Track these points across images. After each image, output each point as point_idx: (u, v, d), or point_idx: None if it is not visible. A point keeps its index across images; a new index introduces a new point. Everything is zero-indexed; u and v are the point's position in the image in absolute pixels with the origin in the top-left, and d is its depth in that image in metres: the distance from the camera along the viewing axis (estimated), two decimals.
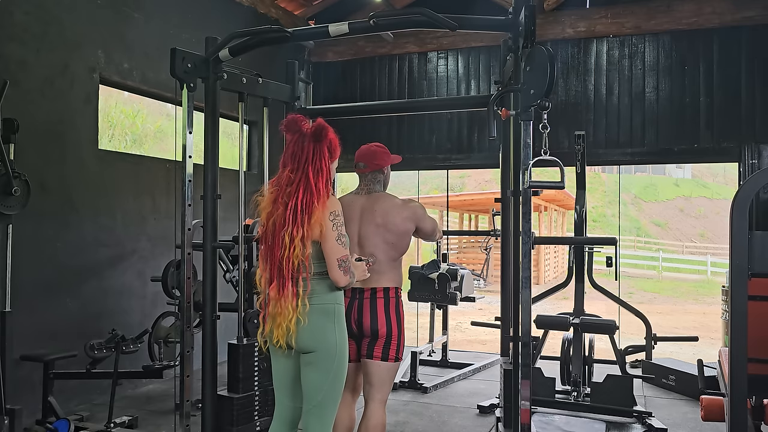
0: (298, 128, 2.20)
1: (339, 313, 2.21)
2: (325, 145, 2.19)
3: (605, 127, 6.03)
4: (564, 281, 4.88)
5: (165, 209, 4.96)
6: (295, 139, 2.20)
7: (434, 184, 24.04)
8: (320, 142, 2.17)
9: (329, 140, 2.21)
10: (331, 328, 2.17)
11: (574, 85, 6.14)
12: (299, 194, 2.11)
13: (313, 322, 2.13)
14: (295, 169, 2.16)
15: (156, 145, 5.91)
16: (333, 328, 2.17)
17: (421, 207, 2.68)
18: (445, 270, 5.02)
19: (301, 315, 2.10)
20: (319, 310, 2.15)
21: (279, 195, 2.17)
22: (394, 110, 4.84)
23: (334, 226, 2.13)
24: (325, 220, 2.12)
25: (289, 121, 2.23)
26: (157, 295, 4.68)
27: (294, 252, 2.08)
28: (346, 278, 2.16)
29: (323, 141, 2.18)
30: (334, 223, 2.14)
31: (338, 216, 2.16)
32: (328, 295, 2.18)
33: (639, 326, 5.24)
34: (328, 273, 2.15)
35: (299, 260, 2.10)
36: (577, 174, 4.87)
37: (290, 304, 2.10)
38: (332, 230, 2.13)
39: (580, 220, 4.70)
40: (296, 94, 3.71)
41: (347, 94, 6.94)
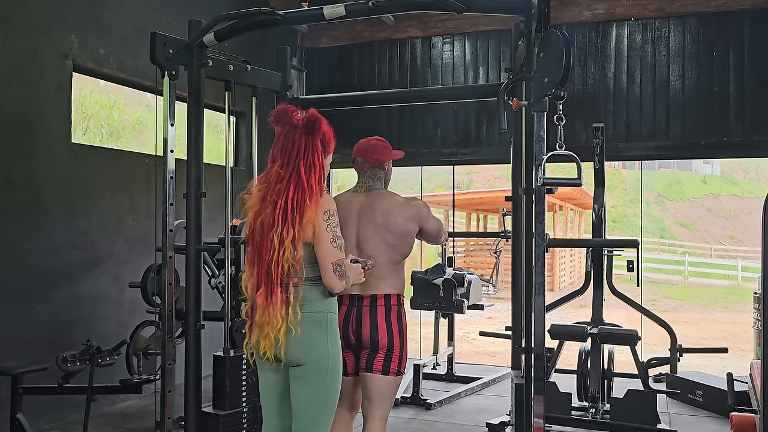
0: (289, 120, 2.20)
1: (332, 322, 2.22)
2: (318, 138, 2.19)
3: (626, 118, 6.04)
4: (581, 287, 4.88)
5: (144, 208, 4.96)
6: (285, 132, 2.20)
7: (439, 181, 24.03)
8: (313, 135, 2.18)
9: (322, 133, 2.21)
10: (324, 338, 2.17)
11: (592, 72, 6.15)
12: (290, 192, 2.11)
13: (304, 332, 2.13)
14: (285, 164, 2.16)
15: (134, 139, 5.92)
16: (325, 339, 2.17)
17: (425, 206, 2.68)
18: (450, 275, 5.03)
19: (291, 324, 2.10)
20: (310, 319, 2.16)
21: (267, 193, 2.16)
22: (395, 100, 4.84)
23: (329, 227, 2.14)
24: (318, 220, 2.12)
25: (278, 111, 2.23)
26: (136, 303, 4.69)
27: (284, 255, 2.08)
28: (342, 284, 2.17)
29: (316, 133, 2.18)
30: (329, 223, 2.14)
31: (333, 216, 2.17)
32: (320, 302, 2.19)
33: (663, 337, 5.24)
34: (322, 278, 2.16)
35: (289, 264, 2.10)
36: (596, 170, 4.87)
37: (279, 312, 2.10)
38: (326, 231, 2.13)
39: (598, 221, 4.71)
40: (288, 83, 3.72)
41: (344, 82, 6.94)
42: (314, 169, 2.16)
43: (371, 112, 6.58)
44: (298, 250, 2.10)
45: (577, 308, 11.37)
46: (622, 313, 5.50)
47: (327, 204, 2.17)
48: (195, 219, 3.14)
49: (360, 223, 2.62)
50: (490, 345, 8.55)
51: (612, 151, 5.86)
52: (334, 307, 2.25)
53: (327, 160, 2.27)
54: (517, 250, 3.01)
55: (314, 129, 2.18)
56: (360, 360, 2.61)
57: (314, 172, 2.15)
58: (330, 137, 2.25)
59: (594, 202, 4.79)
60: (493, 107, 6.15)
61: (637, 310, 4.97)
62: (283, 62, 3.73)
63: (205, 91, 3.18)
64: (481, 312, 5.78)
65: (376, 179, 2.71)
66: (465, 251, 17.27)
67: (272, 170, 2.19)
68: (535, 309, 2.29)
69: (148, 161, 5.00)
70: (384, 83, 6.83)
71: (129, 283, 4.52)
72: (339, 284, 2.16)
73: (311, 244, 2.15)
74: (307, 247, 2.15)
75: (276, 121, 2.23)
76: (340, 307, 2.60)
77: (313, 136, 2.18)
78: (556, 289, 15.33)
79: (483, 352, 8.56)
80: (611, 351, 4.42)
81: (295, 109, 2.25)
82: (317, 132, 2.19)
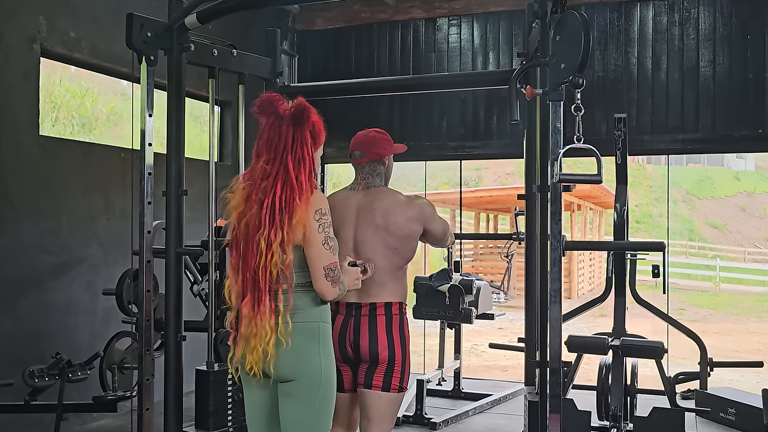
0: (275, 110, 2.20)
1: (325, 332, 2.22)
2: (308, 130, 2.19)
3: (651, 108, 6.03)
4: (601, 295, 4.88)
5: (120, 208, 4.96)
6: (270, 123, 2.19)
7: (445, 177, 24.02)
8: (301, 126, 2.17)
9: (312, 123, 2.20)
10: (316, 350, 2.17)
11: (614, 57, 6.14)
12: (277, 190, 2.11)
13: (295, 344, 2.13)
14: (271, 159, 2.15)
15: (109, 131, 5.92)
16: (318, 351, 2.17)
17: (429, 205, 2.68)
18: (457, 281, 5.02)
19: (281, 336, 2.10)
20: (302, 330, 2.15)
21: (252, 191, 2.16)
22: (396, 88, 4.83)
23: (321, 228, 2.13)
24: (309, 220, 2.12)
25: (263, 101, 2.22)
26: (111, 312, 4.67)
27: (272, 260, 2.08)
28: (335, 290, 2.16)
29: (305, 124, 2.18)
30: (320, 223, 2.14)
31: (325, 215, 2.16)
32: (312, 311, 2.19)
33: (692, 349, 5.24)
34: (313, 284, 2.16)
35: (278, 270, 2.10)
36: (617, 165, 4.86)
37: (268, 322, 2.09)
38: (318, 232, 2.13)
39: (620, 222, 4.70)
40: (278, 69, 3.71)
41: (340, 69, 6.94)
42: (304, 163, 2.15)
43: (370, 102, 6.58)
44: (287, 253, 2.10)
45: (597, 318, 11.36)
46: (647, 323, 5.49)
47: (318, 202, 2.16)
48: (175, 219, 3.13)
49: (358, 223, 2.61)
50: (501, 358, 8.55)
51: (636, 145, 5.84)
52: (327, 317, 2.25)
53: (317, 154, 2.26)
54: (531, 253, 3.01)
55: (303, 119, 2.18)
56: (358, 375, 2.60)
57: (304, 167, 2.15)
58: (320, 128, 2.24)
59: (615, 201, 4.78)
60: (504, 96, 6.12)
61: (663, 319, 4.97)
62: (273, 46, 3.72)
63: (186, 78, 3.17)
64: (491, 322, 5.77)
65: (375, 175, 2.71)
66: (473, 255, 17.26)
67: (257, 166, 2.18)
68: (551, 319, 2.29)
69: (123, 155, 4.99)
70: (384, 70, 6.82)
71: (103, 290, 4.50)
72: (332, 291, 2.15)
73: (301, 247, 2.14)
74: (297, 251, 2.15)
75: (260, 112, 2.22)
76: (336, 316, 2.60)
77: (302, 128, 2.17)
78: (573, 296, 15.33)
79: (493, 366, 8.56)
80: (635, 365, 4.41)
81: (281, 98, 2.24)
82: (306, 123, 2.18)
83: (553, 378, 2.27)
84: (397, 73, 6.74)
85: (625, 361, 4.27)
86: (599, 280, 18.02)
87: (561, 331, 2.29)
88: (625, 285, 4.72)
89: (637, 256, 4.99)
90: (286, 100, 2.26)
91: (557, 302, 2.28)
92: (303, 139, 2.17)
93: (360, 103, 6.48)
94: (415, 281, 5.07)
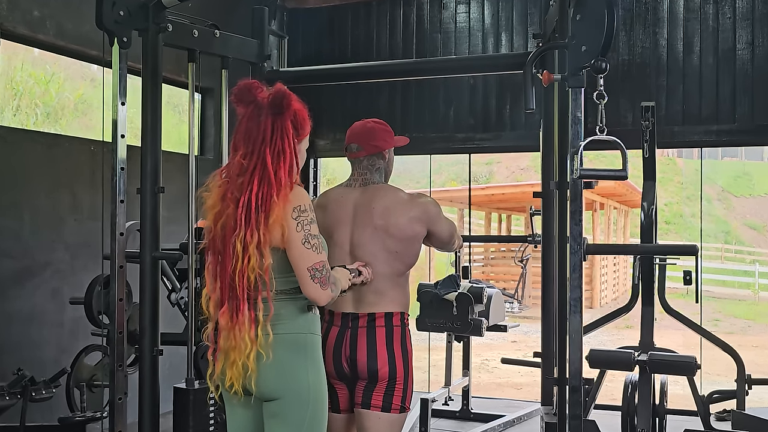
0: (253, 98, 2.21)
1: (313, 345, 2.22)
2: (288, 119, 2.20)
3: (682, 96, 6.03)
4: (627, 304, 4.88)
5: (89, 207, 4.96)
6: (248, 113, 2.20)
7: (452, 173, 24.04)
8: (281, 115, 2.19)
9: (293, 112, 2.21)
10: (303, 365, 2.18)
11: (641, 39, 6.14)
12: (253, 186, 2.12)
13: (278, 358, 2.14)
14: (248, 153, 2.17)
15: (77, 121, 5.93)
16: (305, 366, 2.18)
17: (434, 204, 2.68)
18: (466, 289, 5.02)
19: (262, 348, 2.11)
20: (286, 342, 2.16)
21: (229, 189, 2.18)
22: (398, 74, 4.84)
23: (299, 226, 2.14)
24: (286, 218, 2.13)
25: (240, 89, 2.23)
26: (79, 323, 4.67)
27: (249, 264, 2.10)
28: (326, 292, 2.16)
29: (285, 113, 2.19)
30: (299, 221, 2.15)
31: (305, 212, 2.17)
32: (297, 320, 2.20)
33: (728, 364, 5.24)
34: (301, 289, 2.17)
35: (256, 275, 2.11)
36: (645, 159, 4.87)
37: (247, 334, 2.11)
38: (296, 231, 2.14)
39: (648, 222, 4.70)
40: (266, 52, 3.72)
41: (335, 51, 6.94)
42: (284, 157, 2.16)
43: (368, 89, 6.58)
44: (265, 257, 2.11)
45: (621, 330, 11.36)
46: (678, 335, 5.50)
47: (297, 198, 2.17)
48: (151, 220, 3.13)
49: (354, 224, 2.61)
50: (514, 375, 8.55)
51: (665, 136, 5.84)
52: (315, 327, 2.25)
53: (301, 146, 2.28)
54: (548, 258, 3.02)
55: (283, 107, 2.18)
56: (355, 394, 2.60)
57: (284, 160, 2.16)
58: (304, 117, 2.25)
59: (643, 200, 4.77)
60: (518, 82, 6.13)
61: (696, 331, 4.96)
62: (260, 27, 3.73)
63: (163, 62, 3.17)
64: (503, 334, 5.78)
65: (374, 171, 2.71)
66: (484, 259, 17.27)
67: (234, 161, 2.20)
68: (571, 330, 2.29)
69: (93, 148, 4.99)
70: (384, 53, 6.83)
71: (70, 299, 4.50)
72: (323, 293, 2.15)
73: (282, 249, 2.16)
74: (277, 253, 2.16)
75: (238, 100, 2.23)
76: (331, 328, 2.60)
77: (282, 117, 2.18)
78: (596, 306, 15.33)
79: (506, 384, 8.56)
80: (664, 382, 4.41)
81: (260, 85, 2.25)
82: (286, 111, 2.19)
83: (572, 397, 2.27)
84: (398, 56, 6.74)
85: (653, 378, 4.27)
86: (624, 287, 18.02)
87: (582, 344, 2.30)
88: (654, 293, 4.72)
89: (667, 260, 4.98)
90: (266, 86, 2.26)
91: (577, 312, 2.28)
92: (284, 129, 2.18)
93: (357, 90, 6.48)
94: (419, 289, 5.07)
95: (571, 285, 2.30)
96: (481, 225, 19.12)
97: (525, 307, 14.42)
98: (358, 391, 2.59)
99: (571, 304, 2.30)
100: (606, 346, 4.80)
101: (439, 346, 6.34)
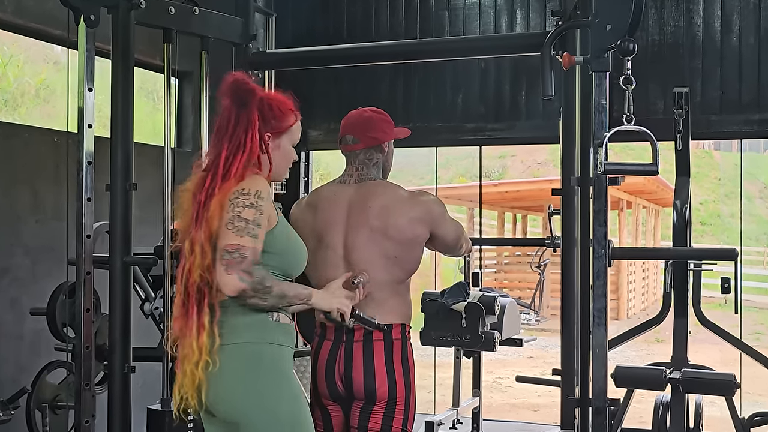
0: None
1: (274, 358, 2.22)
2: (255, 111, 2.24)
3: (720, 81, 6.03)
4: (657, 315, 4.87)
5: (52, 206, 4.95)
6: (224, 108, 2.28)
7: (460, 167, 24.03)
8: (246, 107, 2.24)
9: (259, 101, 2.26)
10: (267, 384, 2.18)
11: (673, 17, 6.14)
12: (207, 182, 2.21)
13: (232, 371, 2.15)
14: (212, 147, 2.28)
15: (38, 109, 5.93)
16: (269, 385, 2.18)
17: (438, 203, 2.69)
18: (476, 298, 5.02)
19: (209, 356, 2.13)
20: (240, 353, 2.18)
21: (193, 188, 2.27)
22: (399, 56, 4.83)
23: (231, 206, 2.15)
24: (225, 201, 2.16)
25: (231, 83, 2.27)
26: (41, 336, 4.67)
27: (195, 263, 2.16)
28: (231, 277, 2.08)
29: (250, 103, 2.24)
30: (233, 202, 2.15)
31: (246, 195, 2.16)
32: (255, 329, 2.20)
33: None
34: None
35: (199, 274, 2.15)
36: (677, 152, 4.86)
37: (195, 341, 2.14)
38: (226, 212, 2.15)
39: (681, 223, 4.70)
40: (251, 32, 3.72)
41: (329, 31, 6.94)
42: (243, 149, 2.21)
43: (367, 73, 6.57)
44: (205, 253, 2.15)
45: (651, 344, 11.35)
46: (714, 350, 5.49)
47: (244, 183, 2.18)
48: (122, 220, 3.13)
49: (349, 225, 2.61)
50: (531, 395, 8.55)
51: (701, 127, 5.84)
52: (278, 338, 2.24)
53: (282, 141, 2.32)
54: (568, 263, 3.01)
55: (245, 97, 2.24)
56: (351, 416, 2.60)
57: (241, 153, 2.20)
58: (278, 106, 2.29)
59: (675, 198, 4.77)
60: (535, 65, 6.12)
61: (735, 346, 4.96)
62: (244, 3, 3.73)
63: (136, 43, 3.16)
64: (518, 349, 5.78)
65: (371, 165, 2.71)
66: (497, 265, 17.26)
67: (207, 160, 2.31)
68: (594, 345, 2.29)
69: (57, 140, 4.99)
70: (384, 32, 6.82)
71: (30, 310, 4.51)
72: (226, 278, 2.09)
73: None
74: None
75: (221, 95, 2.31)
76: (323, 342, 2.60)
77: (247, 109, 2.24)
78: (622, 317, 15.33)
79: (521, 405, 8.57)
80: (699, 403, 4.41)
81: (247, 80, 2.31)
82: (250, 101, 2.24)
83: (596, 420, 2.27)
84: (400, 36, 6.74)
85: (687, 399, 4.27)
86: (654, 296, 18.00)
87: (606, 360, 2.29)
88: (687, 303, 4.71)
89: (703, 266, 4.98)
90: (255, 77, 2.30)
91: (602, 324, 2.28)
92: (248, 122, 2.23)
93: (354, 74, 6.47)
94: (423, 298, 5.06)
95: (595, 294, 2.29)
96: (494, 226, 19.12)
97: (543, 318, 14.41)
98: (354, 413, 2.59)
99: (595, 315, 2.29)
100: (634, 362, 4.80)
101: (446, 362, 6.34)
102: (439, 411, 6.09)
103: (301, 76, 5.92)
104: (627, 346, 4.87)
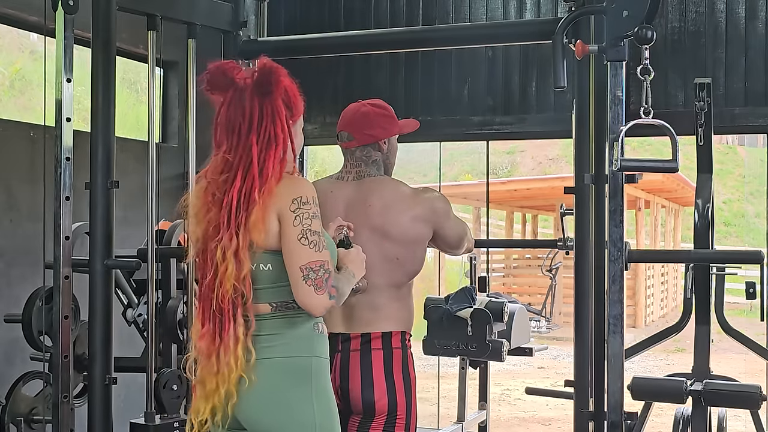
0: (230, 82, 2.21)
1: (319, 372, 2.22)
2: (279, 98, 2.20)
3: (744, 71, 6.03)
4: (677, 323, 4.87)
5: (28, 205, 4.95)
6: (228, 101, 2.21)
7: (466, 164, 24.05)
8: (270, 95, 2.19)
9: (284, 89, 2.22)
10: (307, 397, 2.17)
11: (694, 3, 6.14)
12: (237, 182, 2.15)
13: (271, 386, 2.14)
14: (233, 146, 2.19)
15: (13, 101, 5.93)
16: (309, 398, 2.17)
17: (442, 200, 2.69)
18: (483, 304, 5.02)
19: (244, 371, 2.11)
20: (283, 368, 2.17)
21: (211, 190, 2.20)
22: (400, 44, 4.83)
23: (297, 219, 2.14)
24: (282, 212, 2.13)
25: (213, 74, 2.23)
26: (15, 345, 4.67)
27: (227, 273, 2.11)
28: (321, 298, 2.12)
29: (275, 92, 2.19)
30: (297, 214, 2.14)
31: (306, 204, 2.16)
32: (297, 341, 2.19)
33: None
34: (294, 296, 2.15)
35: (233, 285, 2.11)
36: (699, 147, 4.86)
37: (232, 356, 2.11)
38: (293, 226, 2.13)
39: (703, 224, 4.70)
40: (241, 18, 3.72)
41: (324, 17, 6.94)
42: (276, 143, 2.17)
43: (365, 63, 6.58)
44: (243, 264, 2.12)
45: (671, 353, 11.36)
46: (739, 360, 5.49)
47: (296, 189, 2.17)
48: (103, 221, 3.13)
49: None
50: (542, 408, 8.56)
51: (724, 120, 5.84)
52: (321, 349, 2.24)
53: (296, 128, 2.29)
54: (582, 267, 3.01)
55: (271, 85, 2.18)
56: (348, 431, 2.60)
57: (274, 147, 2.16)
58: (295, 94, 2.26)
59: (697, 196, 4.77)
60: (546, 55, 6.13)
61: (761, 355, 4.96)
62: None
63: (118, 30, 3.16)
64: (528, 359, 5.78)
65: (369, 163, 2.72)
66: (505, 269, 17.27)
67: (218, 158, 2.22)
68: (610, 354, 2.29)
69: (33, 134, 4.99)
70: (384, 19, 6.82)
71: (4, 317, 4.51)
72: (317, 299, 2.11)
73: (278, 252, 2.16)
74: (272, 258, 2.17)
75: (212, 88, 2.24)
76: None
77: (272, 97, 2.19)
78: (639, 324, 15.34)
79: (532, 419, 8.57)
80: (722, 417, 4.41)
81: (236, 65, 2.26)
82: (276, 89, 2.19)
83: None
84: (401, 23, 6.74)
85: (709, 412, 4.27)
86: (674, 302, 18.01)
87: (623, 371, 2.29)
88: (710, 309, 4.71)
89: (726, 270, 4.98)
90: (244, 65, 2.27)
91: (618, 332, 2.28)
92: (275, 111, 2.19)
93: (352, 64, 6.47)
94: (427, 304, 5.06)
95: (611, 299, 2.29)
96: (502, 227, 19.12)
97: (554, 326, 14.42)
98: (352, 427, 2.60)
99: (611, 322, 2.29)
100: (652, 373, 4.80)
101: (451, 373, 6.34)
102: (443, 425, 6.09)
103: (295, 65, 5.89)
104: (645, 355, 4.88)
